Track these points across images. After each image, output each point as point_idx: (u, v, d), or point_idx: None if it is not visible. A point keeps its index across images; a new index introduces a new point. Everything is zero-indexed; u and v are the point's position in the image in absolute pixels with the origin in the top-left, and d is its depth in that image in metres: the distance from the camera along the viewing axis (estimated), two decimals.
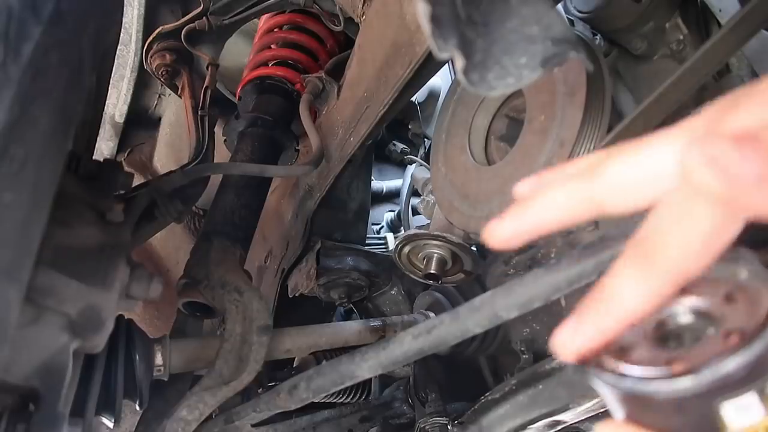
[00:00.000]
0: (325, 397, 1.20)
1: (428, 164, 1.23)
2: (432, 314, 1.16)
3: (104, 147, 1.85)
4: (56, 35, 0.52)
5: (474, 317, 0.63)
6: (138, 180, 1.00)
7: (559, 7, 1.05)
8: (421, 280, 1.10)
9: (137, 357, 0.84)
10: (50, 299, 0.62)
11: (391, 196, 1.98)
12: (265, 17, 1.46)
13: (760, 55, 0.88)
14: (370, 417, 1.23)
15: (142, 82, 1.74)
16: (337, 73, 1.24)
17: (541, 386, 0.88)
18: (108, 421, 0.82)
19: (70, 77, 0.57)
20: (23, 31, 0.49)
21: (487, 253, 1.11)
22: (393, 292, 1.35)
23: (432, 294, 1.21)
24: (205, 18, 1.37)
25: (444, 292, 1.19)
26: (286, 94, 1.39)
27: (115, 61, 1.26)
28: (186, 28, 1.38)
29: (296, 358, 1.27)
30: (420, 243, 1.05)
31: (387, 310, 1.37)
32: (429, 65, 0.90)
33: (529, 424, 0.94)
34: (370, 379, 1.30)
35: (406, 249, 1.07)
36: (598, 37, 1.07)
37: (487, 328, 0.65)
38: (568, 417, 0.91)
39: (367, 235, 1.48)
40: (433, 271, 1.04)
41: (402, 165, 1.96)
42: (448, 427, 1.08)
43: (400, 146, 1.94)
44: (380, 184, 1.96)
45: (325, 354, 1.18)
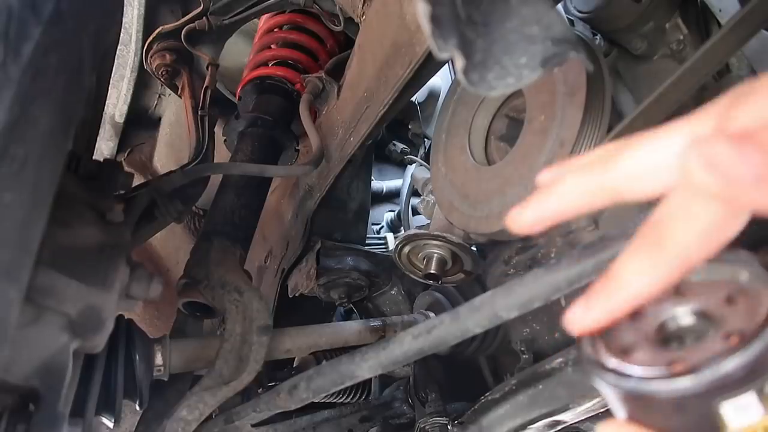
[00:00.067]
0: (325, 397, 1.20)
1: (428, 164, 1.23)
2: (432, 314, 1.16)
3: (104, 147, 1.85)
4: (56, 35, 0.52)
5: (474, 317, 0.63)
6: (138, 180, 1.00)
7: (559, 7, 1.05)
8: (421, 280, 1.10)
9: (137, 357, 0.83)
10: (50, 299, 0.62)
11: (391, 196, 1.98)
12: (265, 17, 1.47)
13: (760, 55, 0.88)
14: (370, 417, 1.23)
15: (142, 82, 1.74)
16: (337, 73, 1.24)
17: (541, 386, 0.88)
18: (108, 421, 0.82)
19: (70, 77, 0.57)
20: (23, 31, 0.49)
21: (487, 253, 1.11)
22: (393, 292, 1.35)
23: (432, 294, 1.21)
24: (205, 18, 1.37)
25: (444, 292, 1.19)
26: (286, 94, 1.39)
27: (115, 61, 1.26)
28: (186, 28, 1.38)
29: (296, 358, 1.27)
30: (420, 243, 1.05)
31: (387, 310, 1.37)
32: (429, 65, 0.90)
33: (529, 424, 0.94)
34: (370, 379, 1.30)
35: (406, 249, 1.07)
36: (598, 37, 1.07)
37: (487, 328, 0.65)
38: (568, 417, 0.91)
39: (367, 235, 1.48)
40: (433, 271, 1.04)
41: (402, 165, 1.96)
42: (448, 427, 1.08)
43: (400, 146, 1.94)
44: (380, 184, 1.96)
45: (325, 354, 1.18)
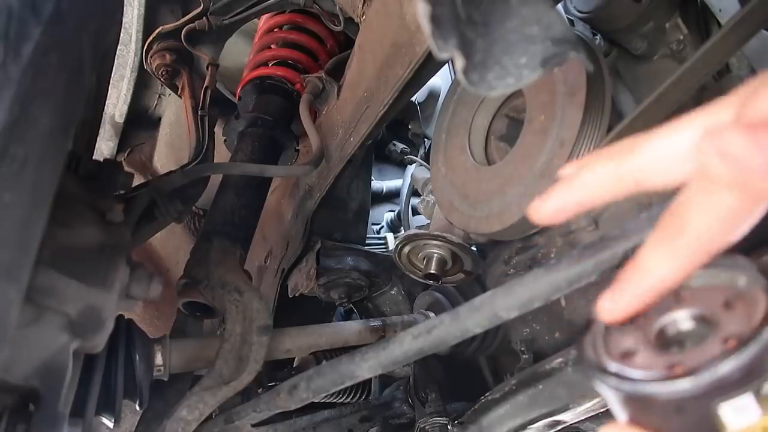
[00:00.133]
0: (325, 397, 1.20)
1: (428, 164, 1.23)
2: (432, 314, 1.16)
3: (104, 147, 1.85)
4: (56, 35, 0.52)
5: (474, 317, 0.63)
6: (138, 180, 1.00)
7: (559, 7, 1.06)
8: (421, 280, 1.10)
9: (137, 357, 0.83)
10: (50, 299, 0.62)
11: (391, 196, 1.98)
12: (265, 17, 1.47)
13: (760, 55, 0.88)
14: (370, 417, 1.23)
15: (142, 82, 1.74)
16: (337, 73, 1.24)
17: (541, 386, 0.88)
18: (108, 421, 0.82)
19: (70, 77, 0.57)
20: (23, 31, 0.49)
21: (487, 253, 1.11)
22: (393, 292, 1.35)
23: (432, 294, 1.21)
24: (205, 18, 1.37)
25: (444, 292, 1.19)
26: (286, 94, 1.39)
27: (115, 61, 1.26)
28: (186, 28, 1.38)
29: (296, 358, 1.27)
30: (420, 243, 1.05)
31: (387, 310, 1.37)
32: (429, 65, 0.90)
33: (529, 424, 0.94)
34: (370, 379, 1.30)
35: (406, 249, 1.07)
36: (598, 37, 1.07)
37: (487, 328, 0.65)
38: (568, 417, 0.91)
39: (367, 235, 1.48)
40: (433, 271, 1.04)
41: (402, 165, 1.96)
42: (448, 427, 1.08)
43: (400, 146, 1.94)
44: (380, 184, 1.96)
45: (325, 354, 1.18)
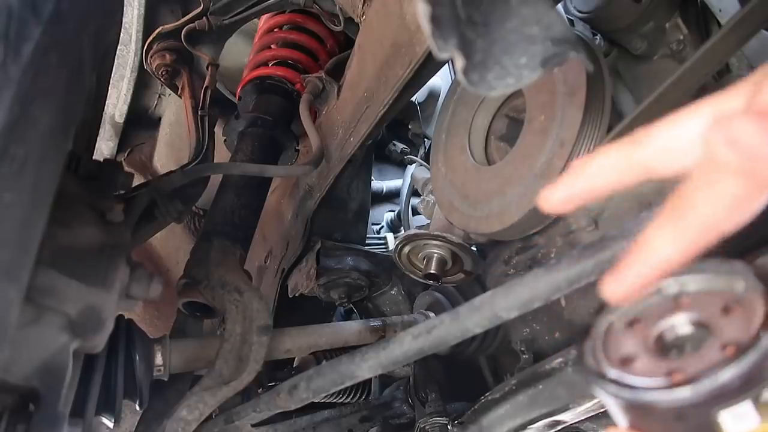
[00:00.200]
0: (325, 397, 1.20)
1: (428, 164, 1.23)
2: (432, 314, 1.16)
3: (104, 147, 1.85)
4: (56, 35, 0.52)
5: (474, 317, 0.63)
6: (138, 180, 1.00)
7: (559, 7, 1.05)
8: (421, 280, 1.10)
9: (137, 357, 0.83)
10: (50, 299, 0.62)
11: (391, 196, 1.98)
12: (265, 17, 1.47)
13: (760, 55, 0.88)
14: (370, 417, 1.23)
15: (142, 82, 1.74)
16: (337, 73, 1.24)
17: (541, 386, 0.88)
18: (108, 421, 0.82)
19: (70, 77, 0.57)
20: (23, 31, 0.49)
21: (487, 253, 1.11)
22: (393, 292, 1.34)
23: (432, 294, 1.21)
24: (205, 18, 1.37)
25: (444, 292, 1.19)
26: (286, 94, 1.39)
27: (115, 61, 1.26)
28: (186, 28, 1.38)
29: (296, 358, 1.27)
30: (420, 243, 1.05)
31: (387, 310, 1.37)
32: (429, 65, 0.90)
33: (529, 424, 0.93)
34: (370, 379, 1.30)
35: (406, 249, 1.07)
36: (598, 37, 1.07)
37: (487, 328, 0.65)
38: (568, 417, 0.91)
39: (367, 235, 1.48)
40: (433, 271, 1.04)
41: (402, 165, 1.96)
42: (448, 427, 1.08)
43: (400, 146, 1.94)
44: (380, 184, 1.96)
45: (325, 354, 1.18)
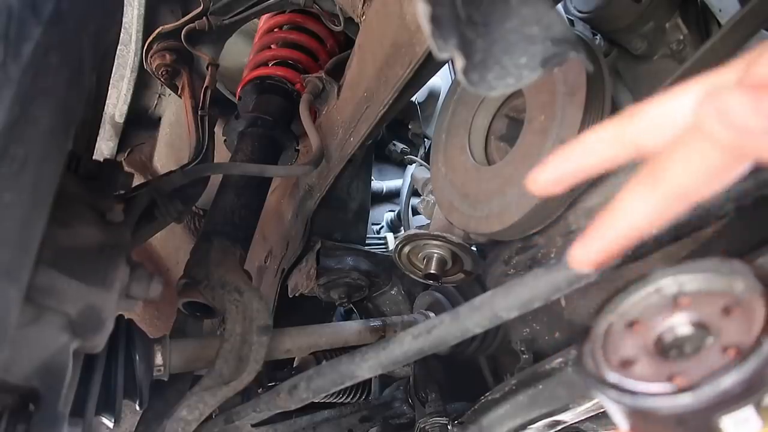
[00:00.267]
0: (325, 397, 1.20)
1: (428, 164, 1.23)
2: (432, 314, 1.16)
3: (104, 147, 1.85)
4: (56, 35, 0.52)
5: (474, 317, 0.63)
6: (138, 180, 1.00)
7: (559, 7, 1.05)
8: (421, 280, 1.10)
9: (137, 357, 0.83)
10: (50, 299, 0.62)
11: (391, 196, 1.98)
12: (265, 17, 1.47)
13: None
14: (370, 417, 1.23)
15: (142, 82, 1.74)
16: (337, 73, 1.24)
17: (541, 386, 0.88)
18: (108, 421, 0.82)
19: (70, 77, 0.57)
20: (23, 31, 0.49)
21: (487, 253, 1.11)
22: (393, 292, 1.35)
23: (432, 294, 1.21)
24: (205, 18, 1.37)
25: (444, 292, 1.19)
26: (286, 94, 1.39)
27: (115, 61, 1.26)
28: (186, 28, 1.38)
29: (296, 358, 1.27)
30: (420, 243, 1.05)
31: (387, 310, 1.37)
32: (429, 65, 0.90)
33: (529, 424, 0.93)
34: (370, 379, 1.30)
35: (406, 249, 1.07)
36: (598, 37, 1.07)
37: (487, 328, 0.65)
38: (568, 417, 0.91)
39: (367, 235, 1.48)
40: (433, 271, 1.04)
41: (402, 165, 1.96)
42: (448, 427, 1.08)
43: (400, 146, 1.94)
44: (380, 184, 1.96)
45: (325, 354, 1.18)
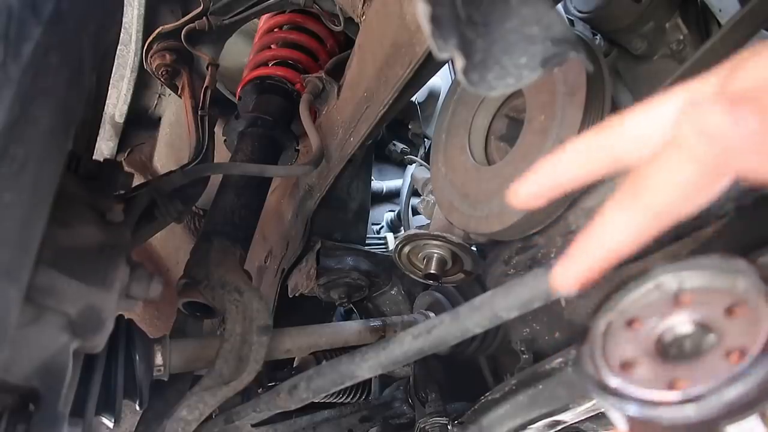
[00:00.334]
0: (325, 397, 1.20)
1: (428, 164, 1.23)
2: (432, 314, 1.16)
3: (104, 147, 1.85)
4: (56, 35, 0.52)
5: (474, 317, 0.63)
6: (138, 180, 1.00)
7: (559, 7, 1.05)
8: (421, 280, 1.10)
9: (137, 357, 0.83)
10: (50, 299, 0.62)
11: (391, 196, 1.98)
12: (265, 17, 1.47)
13: None
14: (370, 417, 1.23)
15: (142, 82, 1.74)
16: (337, 73, 1.24)
17: (541, 386, 0.88)
18: (108, 421, 0.82)
19: (70, 77, 0.57)
20: (23, 31, 0.49)
21: (487, 253, 1.11)
22: (393, 292, 1.34)
23: (432, 294, 1.21)
24: (205, 18, 1.37)
25: (444, 292, 1.19)
26: (286, 94, 1.39)
27: (115, 61, 1.26)
28: (186, 28, 1.38)
29: (296, 358, 1.27)
30: (420, 243, 1.05)
31: (387, 310, 1.37)
32: (429, 65, 0.90)
33: (529, 424, 0.93)
34: (370, 379, 1.30)
35: (406, 249, 1.07)
36: (598, 37, 1.07)
37: (487, 328, 0.65)
38: (568, 417, 0.91)
39: (367, 235, 1.48)
40: (433, 271, 1.04)
41: (402, 165, 1.96)
42: (448, 427, 1.08)
43: (400, 146, 1.94)
44: (380, 184, 1.96)
45: (325, 354, 1.18)
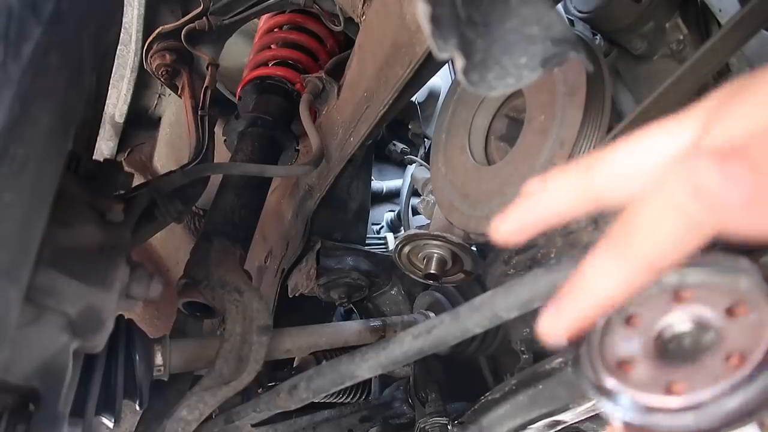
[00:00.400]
0: (325, 397, 1.20)
1: (428, 164, 1.23)
2: (432, 314, 1.16)
3: (104, 147, 1.85)
4: (56, 35, 0.52)
5: (474, 317, 0.63)
6: (138, 180, 1.00)
7: (559, 7, 1.05)
8: (421, 280, 1.10)
9: (137, 357, 0.83)
10: (50, 299, 0.62)
11: (391, 196, 1.98)
12: (265, 17, 1.46)
13: (760, 55, 0.88)
14: (370, 417, 1.23)
15: (142, 82, 1.74)
16: (337, 73, 1.24)
17: (541, 386, 0.88)
18: (108, 421, 0.82)
19: (70, 77, 0.57)
20: (23, 31, 0.49)
21: (487, 253, 1.11)
22: (393, 292, 1.34)
23: (432, 294, 1.21)
24: (205, 18, 1.37)
25: (444, 292, 1.19)
26: (286, 94, 1.39)
27: (115, 61, 1.26)
28: (186, 28, 1.38)
29: (296, 358, 1.27)
30: (420, 243, 1.05)
31: (387, 310, 1.37)
32: (429, 65, 0.90)
33: (529, 424, 0.93)
34: (370, 379, 1.30)
35: (406, 249, 1.07)
36: (598, 37, 1.07)
37: (487, 328, 0.65)
38: (568, 417, 0.91)
39: (367, 235, 1.48)
40: (433, 271, 1.04)
41: (402, 165, 1.96)
42: (448, 427, 1.08)
43: (400, 146, 1.94)
44: (380, 184, 1.96)
45: (325, 354, 1.18)
